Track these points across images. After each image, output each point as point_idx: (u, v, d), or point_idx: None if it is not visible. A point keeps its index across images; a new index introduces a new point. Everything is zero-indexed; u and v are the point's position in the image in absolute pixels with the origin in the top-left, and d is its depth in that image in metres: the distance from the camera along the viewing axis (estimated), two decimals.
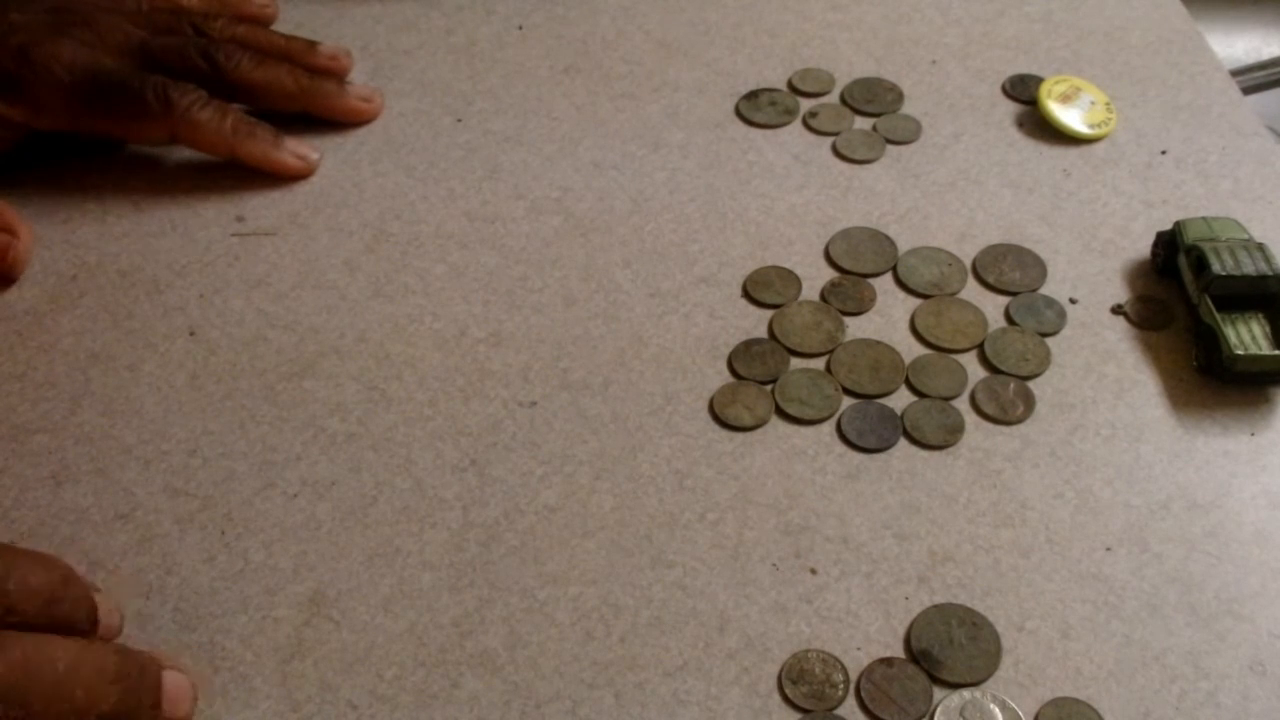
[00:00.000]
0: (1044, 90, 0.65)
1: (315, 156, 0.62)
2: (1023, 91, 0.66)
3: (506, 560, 0.47)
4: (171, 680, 0.41)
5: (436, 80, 0.68)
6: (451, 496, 0.49)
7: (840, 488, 0.49)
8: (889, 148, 0.64)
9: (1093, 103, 0.65)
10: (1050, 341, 0.54)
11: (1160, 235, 0.57)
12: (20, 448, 0.50)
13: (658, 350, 0.54)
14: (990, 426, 0.51)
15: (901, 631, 0.44)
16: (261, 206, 0.61)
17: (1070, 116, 0.64)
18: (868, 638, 0.44)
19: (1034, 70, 0.68)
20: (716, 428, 0.51)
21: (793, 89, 0.67)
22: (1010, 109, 0.66)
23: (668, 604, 0.45)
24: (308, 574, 0.46)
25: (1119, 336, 0.54)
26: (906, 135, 0.64)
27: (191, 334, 0.55)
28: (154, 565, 0.47)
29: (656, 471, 0.49)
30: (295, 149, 0.62)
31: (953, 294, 0.56)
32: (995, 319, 0.55)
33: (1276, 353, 0.51)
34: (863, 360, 0.53)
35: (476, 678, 0.43)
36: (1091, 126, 0.64)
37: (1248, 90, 0.87)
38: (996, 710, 0.42)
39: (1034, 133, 0.64)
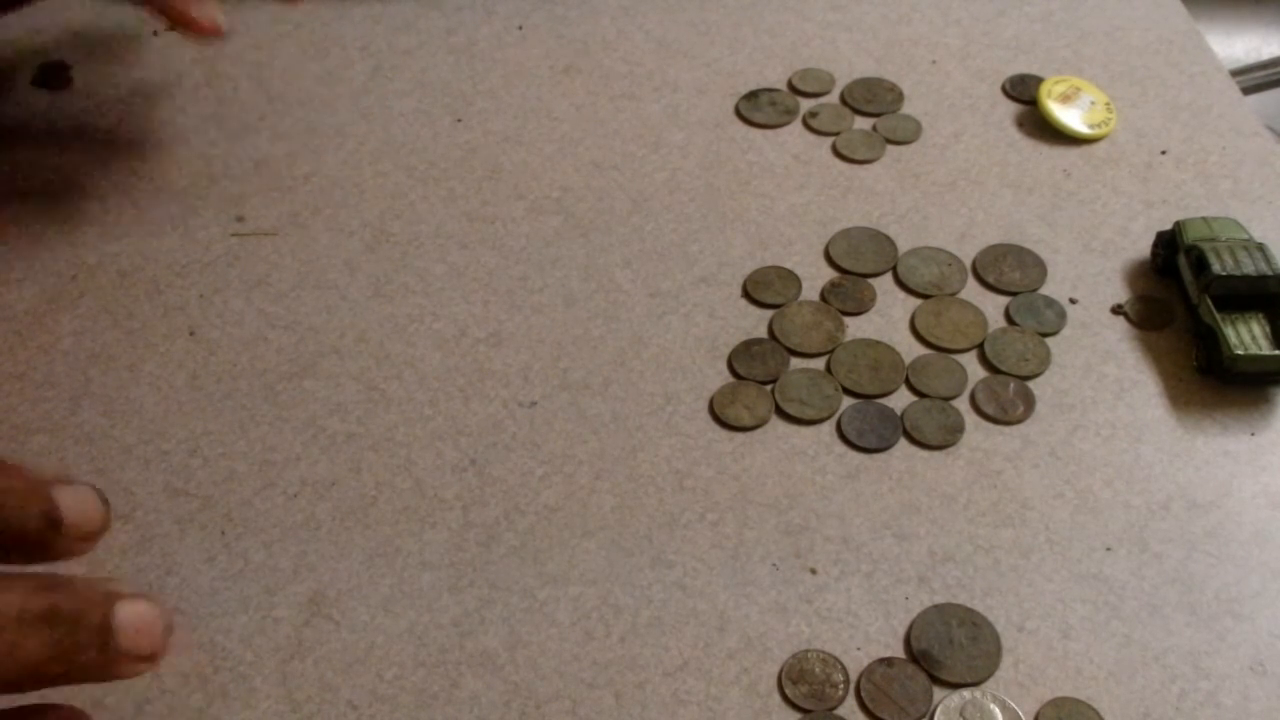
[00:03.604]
0: (1044, 90, 0.65)
1: (223, 21, 0.57)
2: (1023, 91, 0.66)
3: (506, 560, 0.47)
4: (131, 612, 0.32)
5: (436, 80, 0.68)
6: (451, 496, 0.49)
7: (840, 488, 0.49)
8: (889, 148, 0.64)
9: (1093, 103, 0.65)
10: (1050, 341, 0.54)
11: (1160, 235, 0.57)
12: (20, 448, 0.50)
13: (658, 350, 0.54)
14: (990, 426, 0.51)
15: (901, 631, 0.44)
16: (261, 206, 0.61)
17: (1070, 116, 0.64)
18: (868, 638, 0.44)
19: (1034, 70, 0.68)
20: (716, 428, 0.51)
21: (793, 89, 0.67)
22: (1010, 109, 0.66)
23: (668, 604, 0.45)
24: (308, 574, 0.46)
25: (1119, 336, 0.54)
26: (906, 135, 0.64)
27: (191, 334, 0.55)
28: (154, 565, 0.47)
29: (656, 471, 0.49)
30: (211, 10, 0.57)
31: (953, 294, 0.56)
32: (995, 319, 0.55)
33: (1276, 353, 0.51)
34: (863, 360, 0.53)
35: (476, 678, 0.43)
36: (1091, 126, 0.64)
37: (1248, 90, 0.87)
38: (996, 710, 0.42)
39: (1034, 133, 0.64)
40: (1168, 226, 0.57)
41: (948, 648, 0.44)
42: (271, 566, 0.47)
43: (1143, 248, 0.58)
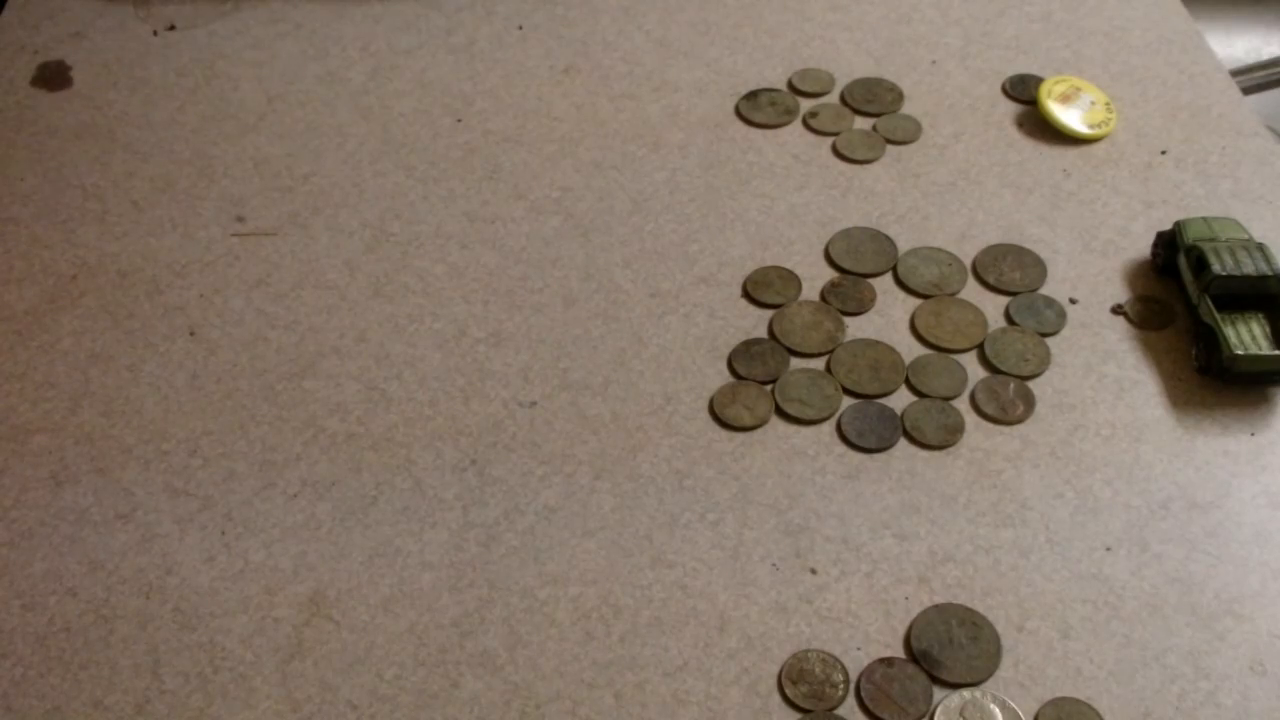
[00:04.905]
0: (1044, 90, 0.65)
1: None
2: (1023, 91, 0.66)
3: (506, 560, 0.47)
4: None
5: (436, 80, 0.68)
6: (451, 496, 0.49)
7: (840, 488, 0.49)
8: (889, 148, 0.64)
9: (1093, 103, 0.65)
10: (1050, 341, 0.54)
11: (1160, 235, 0.57)
12: (20, 448, 0.50)
13: (658, 350, 0.54)
14: (990, 426, 0.51)
15: (901, 631, 0.44)
16: (261, 206, 0.61)
17: (1070, 116, 0.64)
18: (868, 638, 0.44)
19: (1034, 70, 0.68)
20: (716, 428, 0.51)
21: (793, 89, 0.67)
22: (1010, 109, 0.66)
23: (668, 604, 0.45)
24: (308, 574, 0.46)
25: (1119, 336, 0.54)
26: (906, 135, 0.64)
27: (191, 334, 0.55)
28: (154, 565, 0.47)
29: (656, 471, 0.49)
30: None
31: (953, 294, 0.56)
32: (995, 319, 0.55)
33: (1276, 353, 0.51)
34: (863, 360, 0.53)
35: (476, 678, 0.43)
36: (1091, 126, 0.64)
37: (1248, 90, 0.87)
38: (996, 710, 0.42)
39: (1034, 133, 0.64)
40: (1168, 226, 0.57)
41: (948, 648, 0.44)
42: (271, 566, 0.47)
43: (1143, 248, 0.58)
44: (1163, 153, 0.63)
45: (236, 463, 0.50)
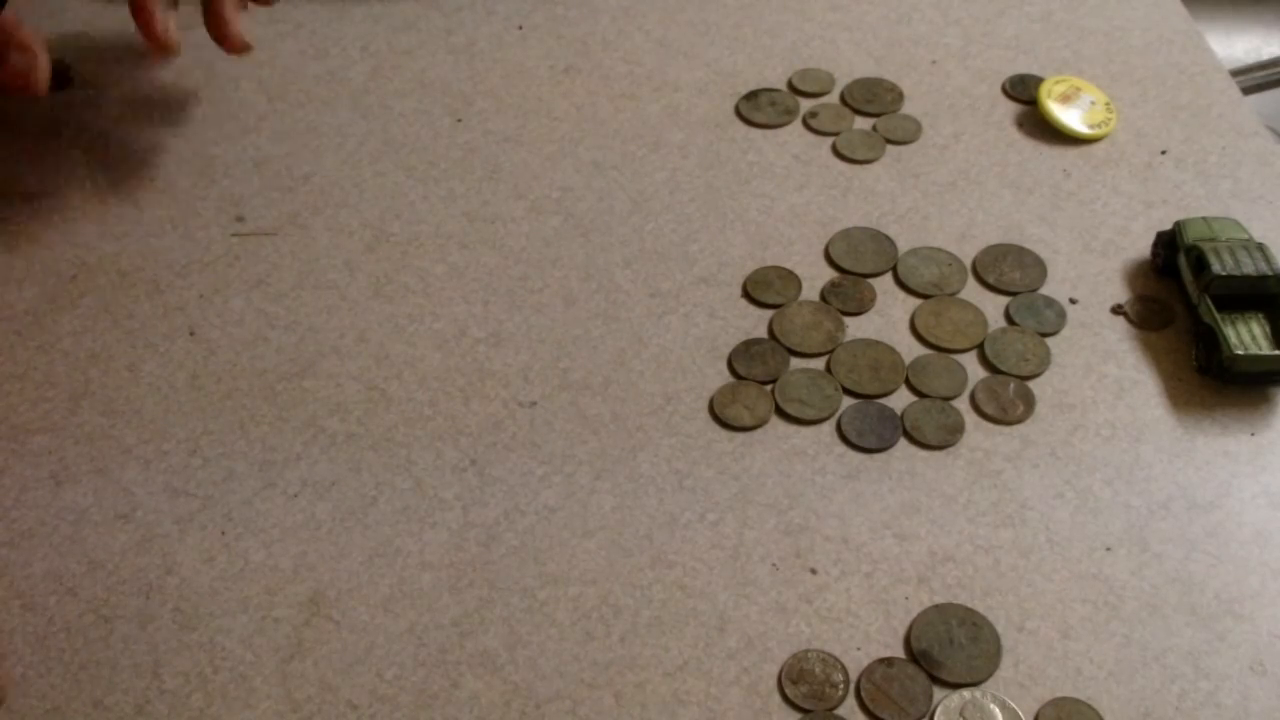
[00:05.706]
0: (1044, 90, 0.65)
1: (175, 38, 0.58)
2: (1023, 91, 0.66)
3: (506, 560, 0.47)
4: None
5: (436, 80, 0.68)
6: (451, 496, 0.49)
7: (840, 488, 0.49)
8: (889, 148, 0.64)
9: (1093, 103, 0.65)
10: (1050, 341, 0.54)
11: (1160, 235, 0.57)
12: (20, 448, 0.50)
13: (658, 350, 0.54)
14: (990, 426, 0.51)
15: (901, 631, 0.44)
16: (261, 206, 0.61)
17: (1070, 116, 0.64)
18: (868, 638, 0.44)
19: (1034, 70, 0.68)
20: (716, 428, 0.51)
21: (793, 89, 0.67)
22: (1010, 109, 0.66)
23: (668, 604, 0.45)
24: (308, 574, 0.46)
25: (1119, 336, 0.54)
26: (906, 135, 0.64)
27: (191, 334, 0.55)
28: (154, 565, 0.47)
29: (656, 471, 0.49)
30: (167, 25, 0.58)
31: (953, 294, 0.56)
32: (995, 319, 0.55)
33: (1276, 353, 0.51)
34: (863, 360, 0.53)
35: (476, 678, 0.43)
36: (1091, 126, 0.64)
37: (1248, 90, 0.87)
38: (996, 710, 0.42)
39: (1034, 133, 0.64)
40: (1168, 226, 0.57)
41: (948, 648, 0.44)
42: (271, 566, 0.47)
43: (1143, 248, 0.58)
44: (1163, 153, 0.63)
45: (236, 463, 0.50)
